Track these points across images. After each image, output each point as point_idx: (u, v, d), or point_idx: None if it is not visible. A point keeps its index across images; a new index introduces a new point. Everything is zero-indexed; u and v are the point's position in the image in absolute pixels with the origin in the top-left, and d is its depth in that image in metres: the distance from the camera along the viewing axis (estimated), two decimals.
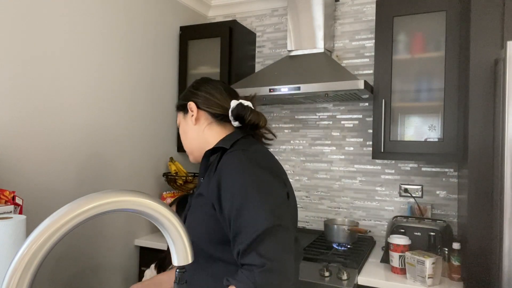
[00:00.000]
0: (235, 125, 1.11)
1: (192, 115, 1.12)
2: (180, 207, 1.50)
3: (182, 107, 1.15)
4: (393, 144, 1.92)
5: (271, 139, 1.15)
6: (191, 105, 1.12)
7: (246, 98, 1.13)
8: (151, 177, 2.27)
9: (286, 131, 2.51)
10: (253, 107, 1.11)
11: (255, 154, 1.01)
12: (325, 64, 2.06)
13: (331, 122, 2.38)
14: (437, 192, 2.11)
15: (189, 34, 2.44)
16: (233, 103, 1.09)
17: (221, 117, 1.11)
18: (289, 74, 2.08)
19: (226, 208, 0.92)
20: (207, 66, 2.41)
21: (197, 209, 1.02)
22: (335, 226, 1.99)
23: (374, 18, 2.19)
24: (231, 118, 1.09)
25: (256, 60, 2.61)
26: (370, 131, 2.28)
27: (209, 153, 1.07)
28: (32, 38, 1.58)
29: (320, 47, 2.16)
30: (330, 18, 2.28)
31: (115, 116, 1.99)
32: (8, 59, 1.49)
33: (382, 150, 1.92)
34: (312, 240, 2.10)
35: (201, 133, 1.12)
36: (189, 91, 1.16)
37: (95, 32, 1.86)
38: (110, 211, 0.50)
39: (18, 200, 1.32)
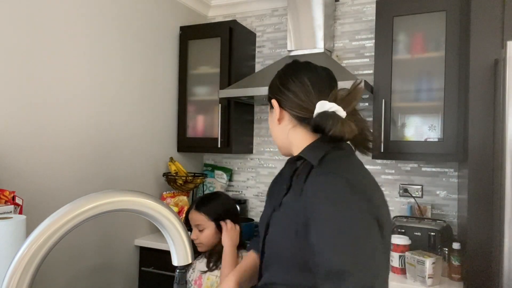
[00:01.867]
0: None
1: (273, 115, 0.99)
2: (201, 205, 1.48)
3: (268, 100, 1.02)
4: (393, 144, 1.91)
5: (369, 148, 0.97)
6: (274, 103, 0.99)
7: (343, 98, 0.92)
8: (151, 177, 2.27)
9: None
10: (343, 113, 0.90)
11: (349, 179, 0.85)
12: (325, 64, 2.05)
13: None
14: (437, 192, 2.11)
15: (189, 34, 2.44)
16: (318, 106, 0.91)
17: (306, 121, 0.94)
18: None
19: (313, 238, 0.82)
20: (207, 66, 2.41)
21: (281, 223, 0.92)
22: None
23: (374, 18, 2.19)
24: (311, 127, 0.92)
25: (256, 60, 2.61)
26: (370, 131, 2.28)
27: (294, 160, 0.97)
28: (32, 39, 1.58)
29: (320, 47, 2.16)
30: (330, 18, 2.28)
31: (115, 116, 1.99)
32: (8, 59, 1.49)
33: (382, 150, 1.92)
34: None
35: (285, 135, 0.99)
36: (274, 84, 1.01)
37: (95, 32, 1.86)
38: (110, 211, 0.50)
39: (18, 200, 1.32)
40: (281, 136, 1.00)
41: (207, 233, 1.42)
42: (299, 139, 0.97)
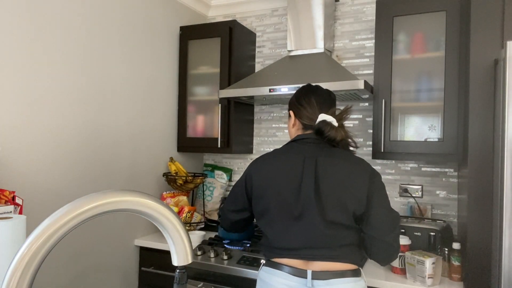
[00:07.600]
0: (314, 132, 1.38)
1: (290, 121, 1.46)
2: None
3: (288, 110, 1.48)
4: (393, 144, 1.92)
5: (354, 147, 1.39)
6: (291, 113, 1.45)
7: (337, 114, 1.35)
8: (151, 177, 2.27)
9: (286, 131, 2.51)
10: (336, 124, 1.32)
11: (262, 157, 1.42)
12: (325, 64, 2.06)
13: None
14: (437, 192, 2.11)
15: (189, 34, 2.44)
16: (320, 117, 1.33)
17: (309, 127, 1.38)
18: (289, 74, 2.08)
19: None
20: (207, 66, 2.41)
21: None
22: None
23: (374, 18, 2.19)
24: (314, 130, 1.35)
25: (256, 60, 2.61)
26: (370, 131, 2.28)
27: None
28: (32, 39, 1.58)
29: (320, 47, 2.16)
30: (330, 18, 2.28)
31: (115, 116, 1.99)
32: (8, 60, 1.49)
33: (382, 150, 1.92)
34: None
35: (294, 134, 1.45)
36: (292, 100, 1.45)
37: (95, 32, 1.86)
38: (110, 211, 0.50)
39: (18, 200, 1.32)
40: (293, 134, 1.46)
41: None
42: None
